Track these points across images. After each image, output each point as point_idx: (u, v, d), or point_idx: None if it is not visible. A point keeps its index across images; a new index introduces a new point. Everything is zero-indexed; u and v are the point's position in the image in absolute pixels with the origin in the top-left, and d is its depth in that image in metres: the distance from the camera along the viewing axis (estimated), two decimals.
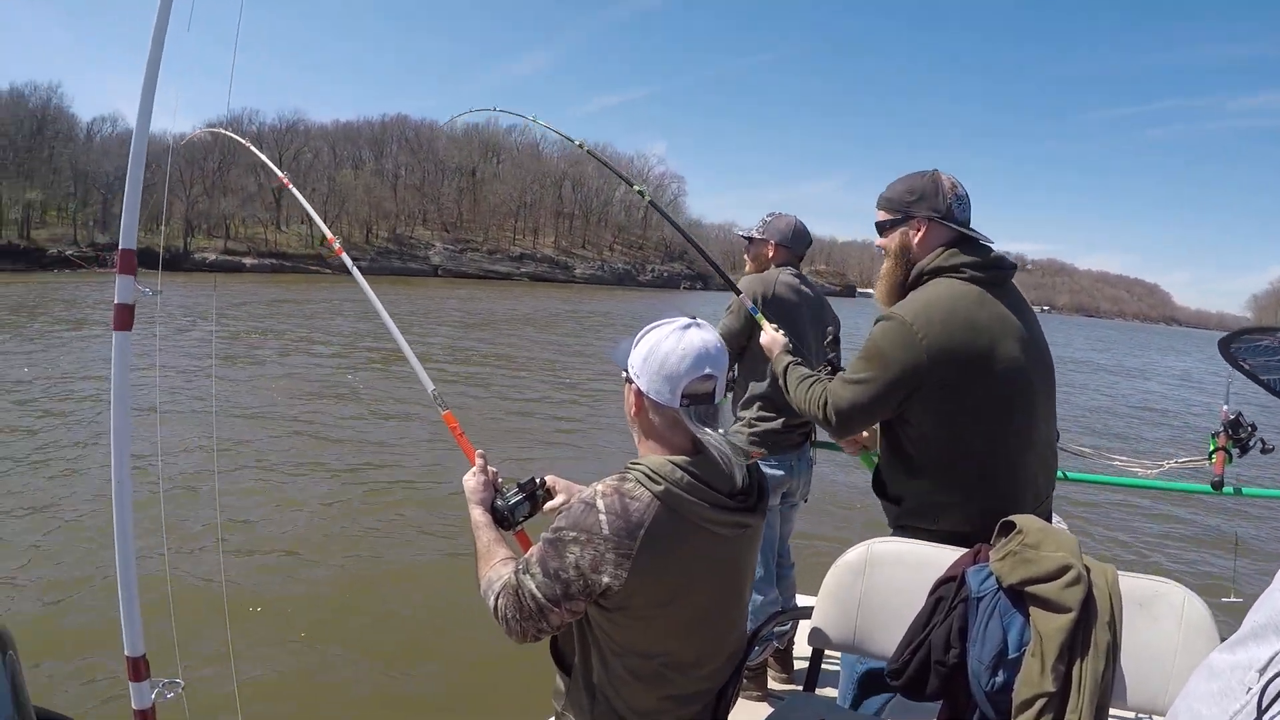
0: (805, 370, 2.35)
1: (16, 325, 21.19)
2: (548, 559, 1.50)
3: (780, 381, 2.41)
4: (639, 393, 1.57)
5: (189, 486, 7.74)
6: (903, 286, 2.17)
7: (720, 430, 1.56)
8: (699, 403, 1.55)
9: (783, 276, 3.33)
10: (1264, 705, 1.08)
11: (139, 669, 1.85)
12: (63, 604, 5.28)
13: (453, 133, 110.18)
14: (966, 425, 2.01)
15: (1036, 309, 2.47)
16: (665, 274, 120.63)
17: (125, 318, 1.83)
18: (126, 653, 1.84)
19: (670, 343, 1.54)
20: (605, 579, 1.45)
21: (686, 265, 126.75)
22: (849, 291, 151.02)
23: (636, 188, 3.47)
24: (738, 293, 3.15)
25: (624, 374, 1.63)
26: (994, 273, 2.09)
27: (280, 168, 2.95)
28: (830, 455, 3.46)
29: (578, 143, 3.59)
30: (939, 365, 1.96)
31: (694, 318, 1.61)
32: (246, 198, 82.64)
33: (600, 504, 1.48)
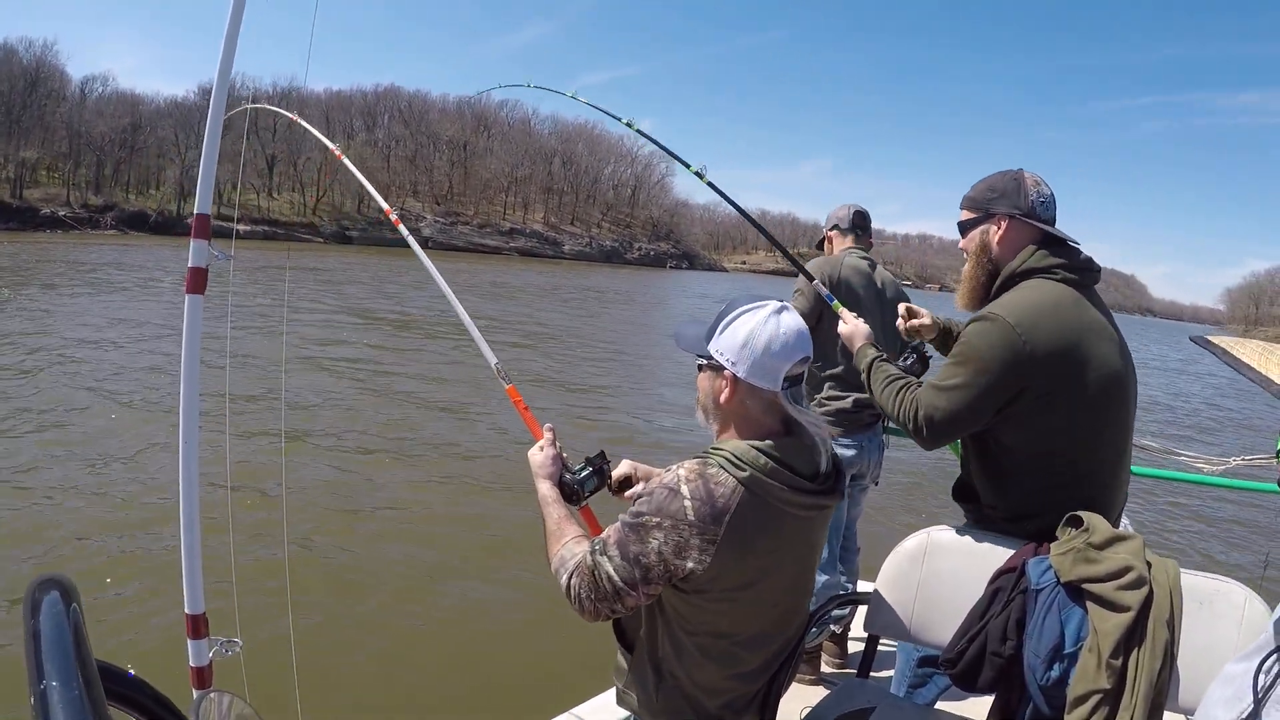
0: (892, 370, 2.20)
1: (88, 283, 20.90)
2: (628, 542, 1.49)
3: (863, 377, 2.27)
4: (734, 379, 1.54)
5: (255, 446, 7.92)
6: (985, 288, 2.08)
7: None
8: (794, 384, 1.55)
9: (848, 260, 3.28)
10: (1259, 689, 1.13)
11: (198, 627, 1.87)
12: (127, 560, 5.34)
13: (445, 106, 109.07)
14: (1062, 432, 1.91)
15: None
16: (652, 252, 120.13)
17: (199, 281, 1.83)
18: (186, 610, 1.85)
19: (770, 328, 1.52)
20: (689, 564, 1.45)
21: (672, 245, 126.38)
22: None
23: (693, 169, 3.33)
24: (810, 277, 3.06)
25: (703, 362, 1.61)
26: (1085, 275, 2.00)
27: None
28: (901, 440, 3.36)
29: (626, 121, 3.49)
30: (1042, 370, 1.86)
31: (780, 300, 1.60)
32: (240, 163, 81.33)
33: (685, 489, 1.47)
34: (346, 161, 2.85)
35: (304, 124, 3.06)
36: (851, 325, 2.43)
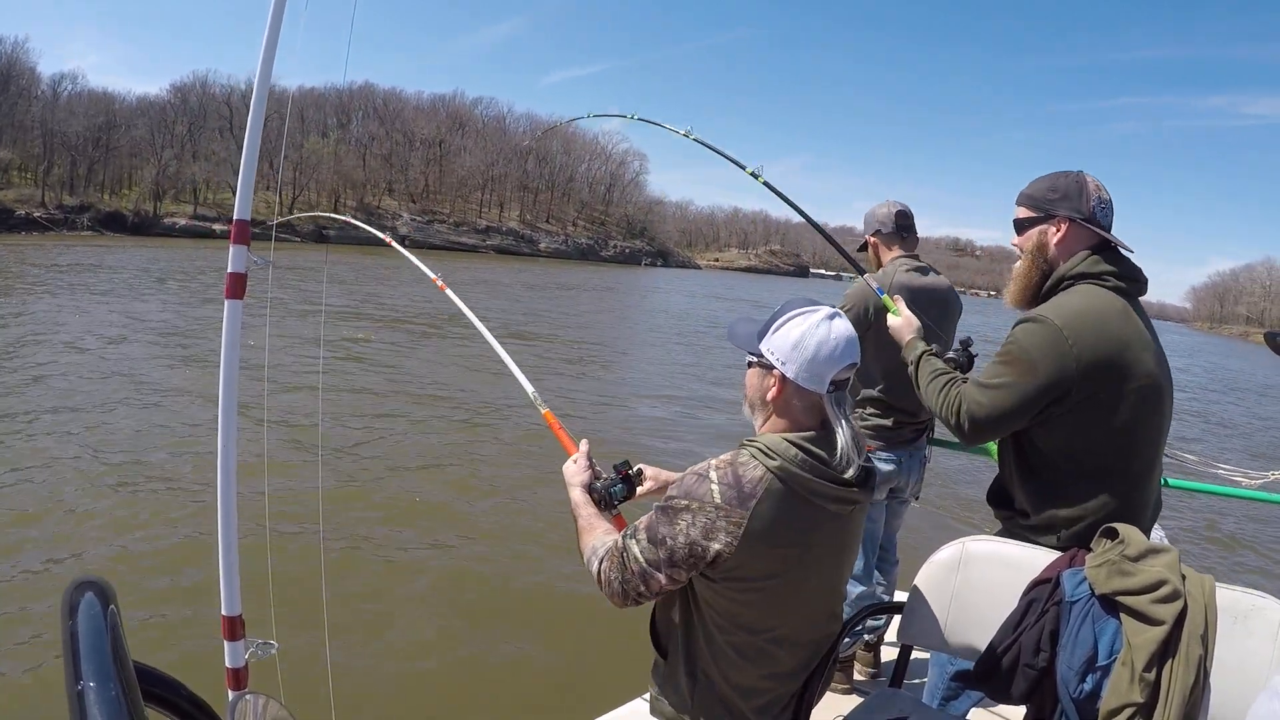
0: (940, 365, 2.18)
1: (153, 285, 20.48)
2: (657, 525, 1.55)
3: (910, 369, 2.24)
4: (782, 378, 1.58)
5: (295, 448, 7.92)
6: (1037, 288, 2.06)
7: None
8: (839, 389, 1.59)
9: (900, 276, 3.02)
10: None
11: (234, 628, 1.87)
12: (165, 561, 5.32)
13: (420, 103, 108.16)
14: (1100, 439, 1.92)
15: (985, 295, 2.39)
16: (627, 250, 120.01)
17: (238, 286, 1.84)
18: (223, 611, 1.85)
19: (821, 332, 1.56)
20: (716, 545, 1.49)
21: (646, 242, 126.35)
22: (802, 272, 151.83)
23: (749, 170, 3.26)
24: (861, 270, 2.98)
25: (754, 359, 1.65)
26: (1134, 285, 1.99)
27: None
28: (942, 452, 3.35)
29: (683, 132, 3.43)
30: (1086, 376, 1.86)
31: (833, 306, 1.64)
32: (216, 163, 79.94)
33: (713, 475, 1.53)
34: (450, 293, 2.83)
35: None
36: (904, 318, 2.41)
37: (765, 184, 3.22)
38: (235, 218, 1.84)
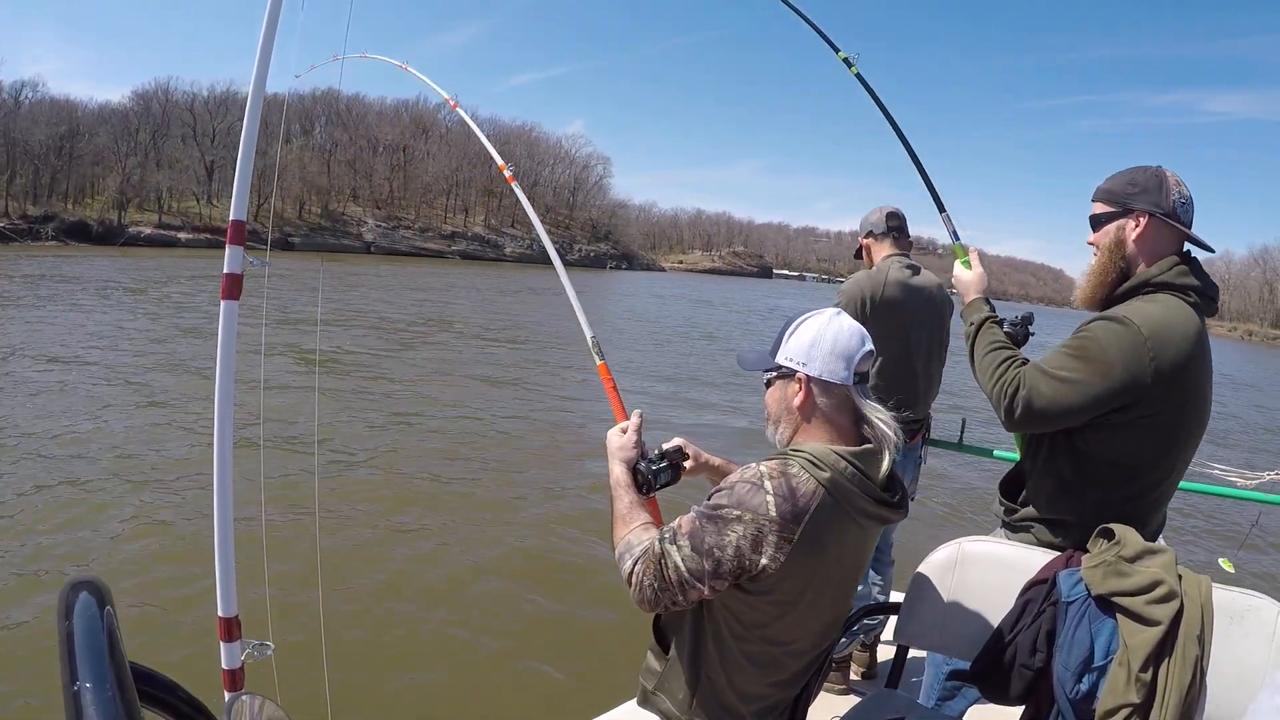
0: (1003, 336, 2.04)
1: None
2: (702, 534, 1.47)
3: (968, 330, 2.11)
4: (807, 380, 1.55)
5: (289, 449, 7.94)
6: (1113, 286, 1.95)
7: None
8: (863, 381, 1.58)
9: (893, 273, 3.04)
10: None
11: (231, 629, 1.85)
12: (161, 563, 5.28)
13: (383, 109, 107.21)
14: (1147, 453, 1.87)
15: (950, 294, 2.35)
16: (592, 253, 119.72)
17: (234, 287, 1.81)
18: (220, 613, 1.84)
19: (834, 327, 1.57)
20: (764, 560, 1.43)
21: (611, 245, 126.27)
22: (766, 273, 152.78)
23: (842, 55, 2.97)
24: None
25: (772, 375, 1.62)
26: (1209, 303, 1.90)
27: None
28: (938, 452, 3.33)
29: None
30: (1157, 389, 1.79)
31: (834, 308, 1.64)
32: (180, 170, 78.25)
33: (768, 485, 1.46)
34: (462, 113, 2.82)
35: (415, 73, 3.11)
36: (976, 274, 2.23)
37: (857, 75, 2.92)
38: (232, 218, 1.80)
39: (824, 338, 1.56)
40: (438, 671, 4.40)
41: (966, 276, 2.25)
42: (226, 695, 1.82)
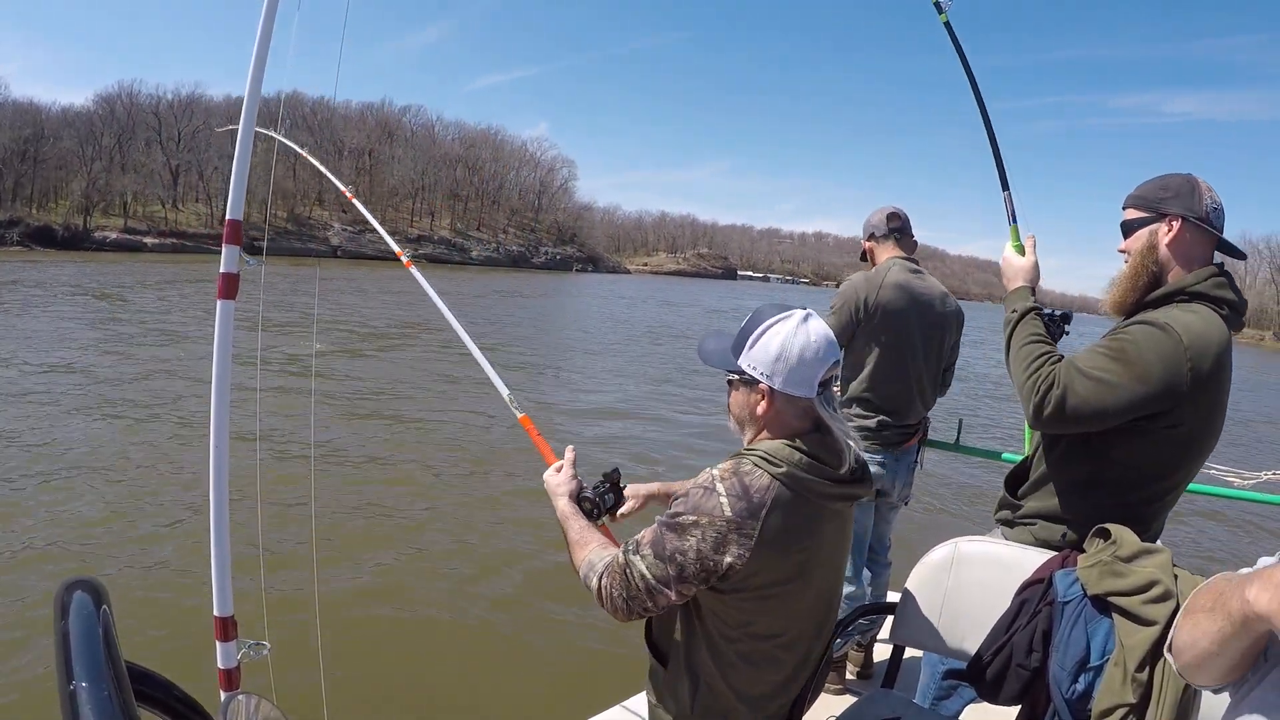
0: (1043, 330, 1.96)
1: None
2: (664, 541, 1.47)
3: (1009, 316, 2.02)
4: (770, 391, 1.52)
5: (283, 455, 7.86)
6: (1144, 292, 1.90)
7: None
8: (826, 389, 1.55)
9: (892, 275, 2.96)
10: None
11: (226, 629, 1.84)
12: (157, 563, 5.25)
13: (349, 113, 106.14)
14: (1167, 461, 1.85)
15: None
16: (558, 256, 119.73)
17: (230, 286, 1.80)
18: (215, 612, 1.83)
19: (801, 337, 1.51)
20: (728, 559, 1.43)
21: (577, 248, 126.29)
22: (730, 274, 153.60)
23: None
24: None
25: (734, 377, 1.58)
26: (1239, 318, 1.87)
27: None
28: (934, 451, 3.29)
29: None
30: (1189, 401, 1.76)
31: (804, 308, 1.58)
32: (146, 175, 76.53)
33: (720, 486, 1.46)
34: (358, 204, 2.89)
35: (315, 163, 3.19)
36: (1028, 262, 2.10)
37: (946, 24, 2.75)
38: (228, 217, 1.79)
39: (790, 350, 1.50)
40: (434, 671, 4.38)
41: (1017, 262, 2.12)
42: (222, 695, 1.81)
